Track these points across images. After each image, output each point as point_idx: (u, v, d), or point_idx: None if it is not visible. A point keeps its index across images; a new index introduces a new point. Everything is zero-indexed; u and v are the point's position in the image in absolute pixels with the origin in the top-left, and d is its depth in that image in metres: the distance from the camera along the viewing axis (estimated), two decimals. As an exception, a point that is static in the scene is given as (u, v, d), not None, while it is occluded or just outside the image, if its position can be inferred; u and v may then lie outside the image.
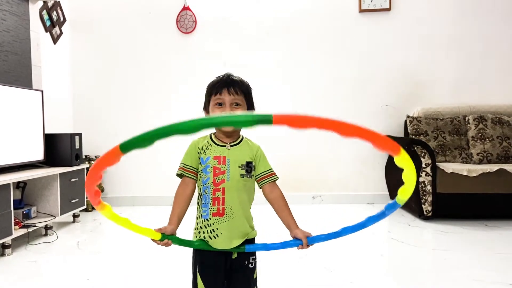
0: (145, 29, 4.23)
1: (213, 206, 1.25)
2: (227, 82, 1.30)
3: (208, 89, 1.36)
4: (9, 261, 2.53)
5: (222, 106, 1.29)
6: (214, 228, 1.25)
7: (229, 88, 1.28)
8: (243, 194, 1.27)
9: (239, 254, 1.28)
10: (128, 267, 2.39)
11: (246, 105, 1.31)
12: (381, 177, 4.15)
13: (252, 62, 4.10)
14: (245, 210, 1.28)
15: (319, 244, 1.32)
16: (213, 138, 1.32)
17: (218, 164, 1.26)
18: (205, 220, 1.28)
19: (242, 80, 1.34)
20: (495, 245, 2.76)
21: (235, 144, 1.30)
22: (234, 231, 1.26)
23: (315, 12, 4.15)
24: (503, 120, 3.73)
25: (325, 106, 4.16)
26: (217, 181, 1.25)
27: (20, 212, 2.93)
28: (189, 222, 1.42)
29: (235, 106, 1.29)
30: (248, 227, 1.29)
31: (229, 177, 1.25)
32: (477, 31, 4.09)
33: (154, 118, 4.23)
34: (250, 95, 1.34)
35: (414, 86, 4.13)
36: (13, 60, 3.25)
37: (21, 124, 3.04)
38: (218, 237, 1.25)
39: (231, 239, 1.25)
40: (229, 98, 1.28)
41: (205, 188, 1.27)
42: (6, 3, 3.17)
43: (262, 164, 1.31)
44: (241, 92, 1.29)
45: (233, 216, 1.25)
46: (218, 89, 1.30)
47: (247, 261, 1.30)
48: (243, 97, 1.30)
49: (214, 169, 1.26)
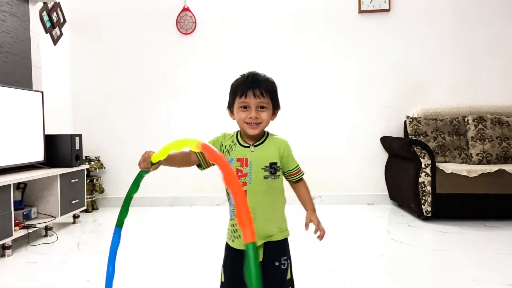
0: (145, 30, 4.23)
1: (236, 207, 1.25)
2: (252, 83, 1.25)
3: (233, 88, 1.30)
4: (9, 262, 2.54)
5: (248, 110, 1.25)
6: (237, 228, 1.25)
7: (254, 90, 1.23)
8: (268, 195, 1.25)
9: (267, 257, 1.26)
10: (129, 268, 2.39)
11: (271, 106, 1.28)
12: (380, 177, 4.15)
13: (252, 63, 4.10)
14: (270, 211, 1.26)
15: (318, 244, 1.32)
16: (239, 137, 1.30)
17: (241, 166, 1.24)
18: (231, 220, 1.29)
19: (267, 79, 1.30)
20: (494, 245, 2.76)
21: (259, 144, 1.28)
22: (257, 233, 1.24)
23: (315, 13, 4.15)
24: (502, 121, 3.74)
25: (325, 107, 4.16)
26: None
27: (20, 213, 2.93)
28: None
29: (260, 109, 1.25)
30: (273, 228, 1.27)
31: (251, 179, 1.23)
32: (476, 32, 4.09)
33: (154, 119, 4.24)
34: (275, 94, 1.31)
35: (414, 87, 4.13)
36: (13, 61, 3.26)
37: (21, 125, 3.05)
38: (240, 238, 1.24)
39: None
40: (255, 102, 1.24)
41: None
42: (6, 4, 3.18)
43: (289, 162, 1.30)
44: (267, 93, 1.25)
45: (256, 218, 1.22)
46: (244, 91, 1.25)
47: (278, 262, 1.27)
48: (269, 99, 1.26)
49: (236, 171, 1.24)
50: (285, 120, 3.85)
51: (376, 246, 2.83)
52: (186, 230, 3.30)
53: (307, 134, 4.12)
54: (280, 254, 1.28)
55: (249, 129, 1.26)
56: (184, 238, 3.07)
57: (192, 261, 2.51)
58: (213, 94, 4.11)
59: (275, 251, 1.27)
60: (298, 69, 4.15)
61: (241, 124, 1.27)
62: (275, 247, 1.27)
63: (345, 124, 4.18)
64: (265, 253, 1.26)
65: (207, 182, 4.10)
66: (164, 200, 4.21)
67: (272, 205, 1.27)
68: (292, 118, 4.08)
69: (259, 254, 1.26)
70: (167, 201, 4.21)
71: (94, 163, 4.02)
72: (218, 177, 1.31)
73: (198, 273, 2.32)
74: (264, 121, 1.26)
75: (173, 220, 3.67)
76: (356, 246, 2.77)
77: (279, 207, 1.30)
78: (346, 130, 4.17)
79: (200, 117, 4.13)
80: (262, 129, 1.28)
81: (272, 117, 1.32)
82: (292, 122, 4.08)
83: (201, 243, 2.90)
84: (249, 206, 1.21)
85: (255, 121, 1.25)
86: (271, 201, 1.26)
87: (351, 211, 3.85)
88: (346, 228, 3.28)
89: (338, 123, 4.18)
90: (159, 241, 3.00)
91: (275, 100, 1.30)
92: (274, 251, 1.27)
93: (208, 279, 2.21)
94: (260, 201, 1.24)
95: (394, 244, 2.82)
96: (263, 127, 1.28)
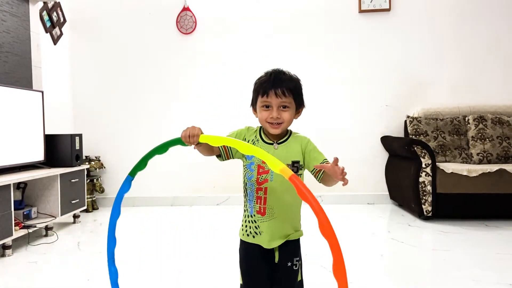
0: (145, 30, 4.23)
1: (256, 204, 1.24)
2: (274, 82, 1.23)
3: (256, 86, 1.29)
4: (9, 262, 2.54)
5: (270, 109, 1.24)
6: (258, 225, 1.24)
7: (276, 89, 1.22)
8: (287, 195, 1.23)
9: (281, 257, 1.25)
10: (129, 267, 2.39)
11: (294, 105, 1.27)
12: (381, 177, 4.15)
13: (252, 63, 4.10)
14: (288, 211, 1.25)
15: (318, 244, 1.32)
16: (262, 133, 1.29)
17: (263, 163, 1.23)
18: (250, 216, 1.27)
19: (291, 77, 1.28)
20: (495, 245, 2.76)
21: (283, 141, 1.27)
22: (275, 231, 1.23)
23: (315, 13, 4.15)
24: (503, 120, 3.73)
25: (325, 107, 4.16)
26: (260, 180, 1.23)
27: (21, 213, 2.93)
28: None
29: (282, 109, 1.24)
30: (290, 228, 1.26)
31: (273, 177, 1.22)
32: (477, 31, 4.09)
33: (155, 118, 4.24)
34: (299, 93, 1.29)
35: (414, 86, 4.13)
36: (13, 61, 3.26)
37: (21, 125, 3.05)
38: (261, 234, 1.24)
39: (272, 239, 1.23)
40: (276, 101, 1.23)
41: (250, 184, 1.25)
42: (6, 4, 3.18)
43: (316, 156, 1.25)
44: (290, 92, 1.23)
45: (274, 216, 1.23)
46: (266, 90, 1.23)
47: (291, 263, 1.26)
48: (291, 98, 1.24)
49: (258, 167, 1.23)
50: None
51: (376, 246, 2.83)
52: (186, 230, 3.30)
53: (307, 134, 4.10)
54: (293, 254, 1.27)
55: (270, 128, 1.25)
56: (185, 237, 3.07)
57: (192, 260, 2.51)
58: (213, 94, 4.11)
59: (289, 251, 1.26)
60: (298, 69, 4.10)
61: (263, 123, 1.27)
62: (290, 246, 1.27)
63: (345, 123, 4.17)
64: (280, 253, 1.25)
65: (208, 182, 4.10)
66: (164, 200, 4.21)
67: (291, 205, 1.26)
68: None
69: (275, 255, 1.26)
70: (167, 201, 4.21)
71: (94, 163, 4.02)
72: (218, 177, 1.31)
73: (198, 272, 2.32)
74: (285, 121, 1.25)
75: (173, 219, 3.67)
76: (357, 246, 2.77)
77: (296, 206, 1.28)
78: (346, 130, 4.17)
79: (200, 117, 4.13)
80: (284, 128, 1.27)
81: (296, 116, 1.31)
82: (293, 122, 4.07)
83: (202, 243, 2.89)
84: (269, 204, 1.22)
85: (277, 121, 1.24)
86: (290, 200, 1.24)
87: (351, 211, 3.85)
88: (347, 228, 3.28)
89: (338, 123, 4.17)
90: (159, 240, 3.00)
91: (299, 99, 1.28)
92: (289, 251, 1.26)
93: (209, 279, 2.21)
94: (280, 199, 1.23)
95: (394, 244, 2.82)
96: (285, 127, 1.27)
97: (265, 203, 1.23)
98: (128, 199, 4.19)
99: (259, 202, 1.23)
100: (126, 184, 1.25)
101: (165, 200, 4.22)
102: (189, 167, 4.12)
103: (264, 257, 1.26)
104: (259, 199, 1.23)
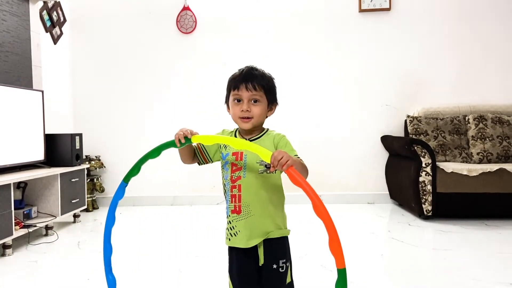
0: (145, 29, 4.23)
1: (231, 203, 1.22)
2: (245, 76, 1.24)
3: (228, 82, 1.29)
4: (9, 261, 2.54)
5: (240, 103, 1.24)
6: (233, 225, 1.22)
7: (247, 83, 1.22)
8: (263, 191, 1.22)
9: (266, 259, 1.23)
10: (129, 267, 2.39)
11: (266, 100, 1.26)
12: (381, 176, 4.15)
13: (252, 63, 4.09)
14: (266, 207, 1.22)
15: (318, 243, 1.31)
16: (237, 133, 1.29)
17: (236, 160, 1.22)
18: (227, 217, 1.26)
19: (264, 73, 1.29)
20: (495, 244, 2.76)
21: (256, 139, 1.26)
22: (253, 229, 1.21)
23: (315, 12, 4.15)
24: (503, 120, 3.73)
25: (325, 107, 4.16)
26: (234, 177, 1.22)
27: (21, 212, 2.93)
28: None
29: (253, 103, 1.23)
30: (270, 225, 1.23)
31: (245, 173, 1.21)
32: (477, 31, 4.08)
33: (154, 118, 4.24)
34: (271, 89, 1.28)
35: (414, 86, 4.13)
36: (13, 61, 3.26)
37: (21, 124, 3.05)
38: (237, 235, 1.22)
39: (250, 238, 1.21)
40: (247, 94, 1.22)
41: (226, 184, 1.24)
42: (6, 4, 3.17)
43: (287, 151, 1.14)
44: (261, 87, 1.23)
45: (251, 214, 1.21)
46: (237, 84, 1.24)
47: (276, 265, 1.23)
48: (262, 93, 1.24)
49: (232, 165, 1.22)
50: (285, 119, 3.85)
51: (376, 245, 2.83)
52: (186, 230, 3.30)
53: (307, 134, 4.11)
54: (278, 256, 1.24)
55: (241, 123, 1.24)
56: (185, 237, 3.07)
57: (192, 260, 2.51)
58: (213, 94, 4.11)
59: (274, 251, 1.24)
60: (298, 69, 4.15)
61: (235, 118, 1.26)
62: (274, 247, 1.24)
63: (345, 123, 4.17)
64: (265, 254, 1.23)
65: (207, 182, 4.10)
66: (164, 199, 4.21)
67: (268, 201, 1.23)
68: (292, 117, 4.07)
69: (259, 256, 1.24)
70: (167, 200, 4.21)
71: (95, 163, 4.02)
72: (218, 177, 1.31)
73: (198, 272, 2.32)
74: (256, 116, 1.23)
75: (173, 219, 3.67)
76: (357, 246, 2.77)
77: (276, 203, 1.26)
78: (346, 129, 4.17)
79: (200, 117, 4.13)
80: (254, 124, 1.24)
81: (269, 113, 1.30)
82: (293, 121, 4.07)
83: (201, 243, 2.89)
84: (244, 201, 1.21)
85: (247, 115, 1.23)
86: (267, 197, 1.23)
87: (351, 211, 3.85)
88: (347, 227, 3.28)
89: (338, 123, 4.17)
90: (159, 240, 3.00)
91: (271, 95, 1.28)
92: (274, 252, 1.23)
93: (208, 279, 2.21)
94: (255, 196, 1.21)
95: (394, 244, 2.82)
96: (256, 122, 1.25)
97: (239, 201, 1.21)
98: (128, 198, 4.19)
99: (234, 200, 1.22)
100: (120, 191, 1.25)
101: (165, 200, 4.22)
102: (189, 167, 4.11)
103: (249, 259, 1.24)
104: (233, 198, 1.22)
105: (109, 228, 1.26)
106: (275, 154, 1.01)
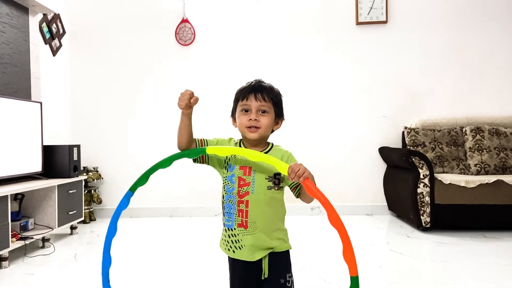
0: (144, 42, 4.25)
1: (237, 217, 1.21)
2: (255, 87, 1.25)
3: (236, 94, 1.31)
4: (6, 274, 2.51)
5: (248, 113, 1.24)
6: (239, 239, 1.21)
7: (256, 93, 1.23)
8: (269, 207, 1.22)
9: (271, 271, 1.22)
10: (128, 279, 2.38)
11: (274, 112, 1.26)
12: (379, 188, 4.15)
13: (251, 76, 4.11)
14: (272, 223, 1.23)
15: (317, 255, 1.31)
16: (242, 145, 1.28)
17: (243, 175, 1.21)
18: (229, 230, 1.23)
19: (272, 86, 1.29)
20: (493, 256, 2.75)
21: (265, 152, 1.24)
22: (259, 244, 1.21)
23: (313, 25, 4.19)
24: (500, 131, 3.75)
25: (323, 118, 4.18)
26: (241, 192, 1.21)
27: (18, 224, 2.91)
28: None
29: (261, 113, 1.23)
30: (274, 240, 1.23)
31: (254, 189, 1.20)
32: (473, 43, 4.13)
33: (153, 130, 4.24)
34: (279, 103, 1.29)
35: (412, 98, 4.16)
36: (12, 72, 3.27)
37: (19, 135, 3.05)
38: (242, 248, 1.21)
39: (254, 251, 1.20)
40: (256, 104, 1.23)
41: (230, 197, 1.23)
42: (6, 16, 3.20)
43: None
44: (269, 99, 1.24)
45: (257, 230, 1.20)
46: (245, 94, 1.25)
47: (283, 279, 1.23)
48: (271, 104, 1.25)
49: (239, 179, 1.21)
50: (283, 130, 3.86)
51: (375, 257, 2.82)
52: (186, 241, 3.29)
53: (304, 144, 4.12)
54: (284, 270, 1.24)
55: (248, 133, 1.24)
56: (184, 248, 3.05)
57: (192, 271, 2.49)
58: (212, 106, 4.12)
59: (279, 266, 1.23)
60: (295, 82, 4.17)
61: (242, 129, 1.26)
62: (279, 260, 1.24)
63: (343, 134, 4.19)
64: (269, 267, 1.23)
65: (207, 193, 4.09)
66: (163, 211, 4.19)
67: (274, 216, 1.24)
68: (290, 128, 4.07)
69: (264, 269, 1.23)
70: (166, 212, 4.19)
71: (92, 174, 4.01)
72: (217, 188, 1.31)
73: (198, 284, 2.30)
74: (263, 126, 1.23)
75: (173, 231, 3.65)
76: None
77: (280, 218, 1.26)
78: (344, 141, 4.18)
79: (199, 128, 4.12)
80: (261, 134, 1.24)
81: (275, 127, 1.30)
82: (290, 132, 4.08)
83: (201, 254, 2.88)
84: (251, 217, 1.20)
85: (255, 124, 1.23)
86: (273, 213, 1.23)
87: (349, 222, 3.84)
88: (345, 239, 3.26)
89: (336, 134, 4.19)
90: (159, 251, 2.98)
91: (278, 109, 1.28)
92: (279, 266, 1.23)
93: (206, 291, 2.19)
94: (263, 213, 1.21)
95: (393, 255, 2.81)
96: (263, 133, 1.24)
97: (247, 217, 1.20)
98: (126, 210, 4.17)
99: (241, 215, 1.21)
100: (125, 200, 1.22)
101: (165, 211, 4.21)
102: (188, 178, 4.12)
103: (252, 272, 1.23)
104: (240, 212, 1.21)
105: (109, 238, 1.23)
106: (293, 166, 1.06)
